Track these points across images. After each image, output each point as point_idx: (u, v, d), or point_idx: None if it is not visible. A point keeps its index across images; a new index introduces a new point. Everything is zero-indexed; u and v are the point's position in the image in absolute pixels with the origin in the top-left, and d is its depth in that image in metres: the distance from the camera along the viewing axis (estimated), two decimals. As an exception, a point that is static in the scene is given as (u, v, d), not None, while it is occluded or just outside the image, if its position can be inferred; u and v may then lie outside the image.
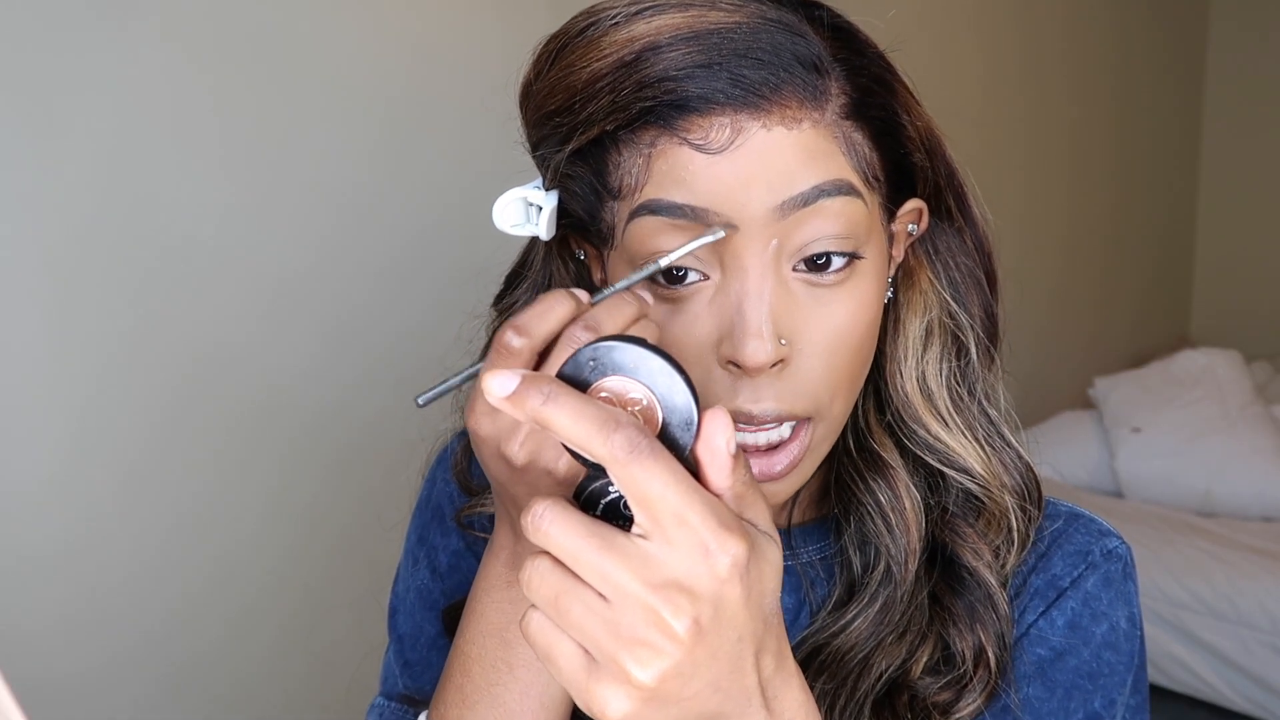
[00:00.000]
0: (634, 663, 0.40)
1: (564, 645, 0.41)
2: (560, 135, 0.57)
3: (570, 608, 0.40)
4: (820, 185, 0.54)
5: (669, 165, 0.54)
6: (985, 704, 0.60)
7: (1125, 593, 0.64)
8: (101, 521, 1.39)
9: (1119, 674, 0.62)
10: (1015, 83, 3.03)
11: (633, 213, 0.55)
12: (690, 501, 0.40)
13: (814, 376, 0.56)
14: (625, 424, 0.40)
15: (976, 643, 0.61)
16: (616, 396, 0.44)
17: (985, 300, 0.65)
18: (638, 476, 0.40)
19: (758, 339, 0.54)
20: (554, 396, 0.41)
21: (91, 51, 1.30)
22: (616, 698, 0.40)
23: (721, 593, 0.40)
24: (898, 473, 0.64)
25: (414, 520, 0.80)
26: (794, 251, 0.55)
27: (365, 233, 1.61)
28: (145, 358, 1.40)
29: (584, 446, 0.40)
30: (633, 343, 0.44)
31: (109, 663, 1.39)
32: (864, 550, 0.64)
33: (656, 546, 0.40)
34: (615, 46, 0.54)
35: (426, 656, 0.75)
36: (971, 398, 0.65)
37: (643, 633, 0.40)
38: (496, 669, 0.58)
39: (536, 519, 0.41)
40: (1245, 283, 4.00)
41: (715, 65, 0.53)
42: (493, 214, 0.60)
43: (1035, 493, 0.65)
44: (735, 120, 0.53)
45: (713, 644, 0.40)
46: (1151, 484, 2.88)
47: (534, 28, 0.62)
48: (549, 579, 0.41)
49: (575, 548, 0.40)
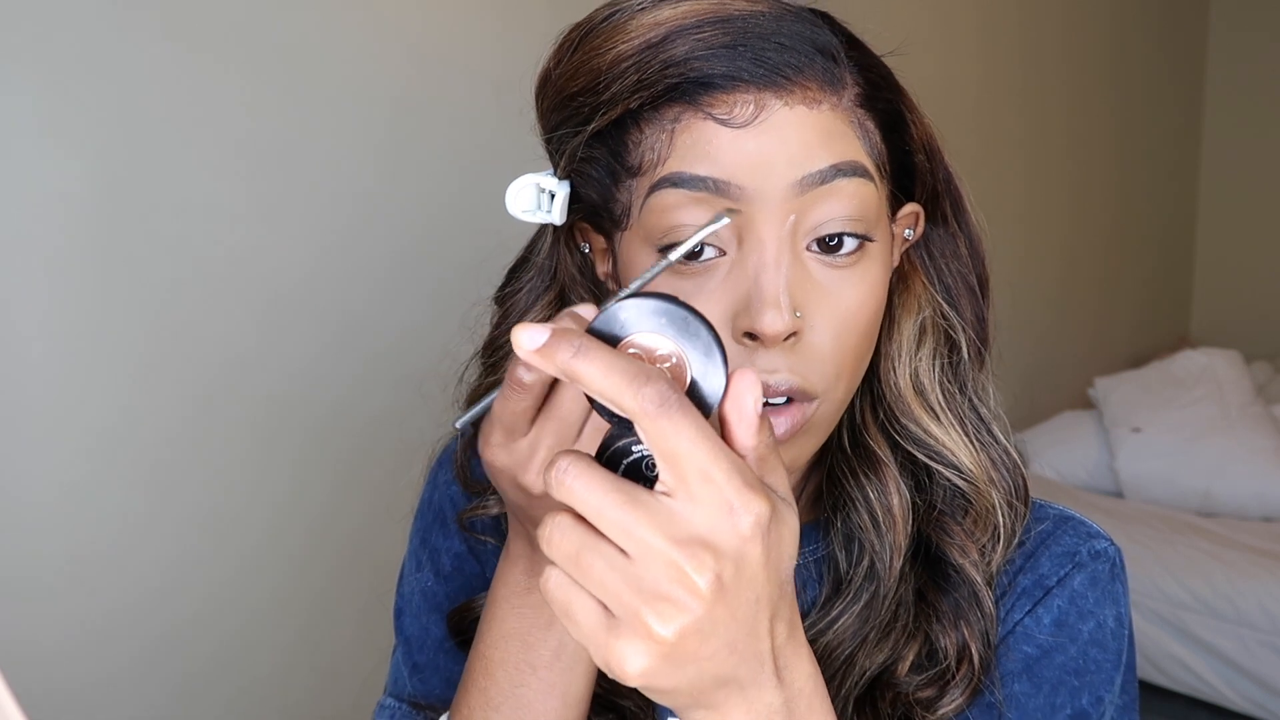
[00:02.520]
0: (655, 617, 0.39)
1: (584, 601, 0.41)
2: (581, 116, 0.58)
3: (592, 564, 0.40)
4: (838, 165, 0.56)
5: (693, 139, 0.55)
6: (968, 702, 0.61)
7: (1113, 593, 0.64)
8: (120, 530, 1.39)
9: (1106, 671, 0.63)
10: (1016, 83, 3.03)
11: (653, 186, 0.56)
12: (716, 459, 0.40)
13: (824, 353, 0.57)
14: (656, 378, 0.40)
15: (960, 640, 0.61)
16: (646, 353, 0.43)
17: (976, 306, 0.66)
18: (666, 431, 0.39)
19: (774, 308, 0.55)
20: (584, 350, 0.40)
21: (95, 57, 1.30)
22: (636, 653, 0.40)
23: (744, 550, 0.40)
24: (888, 469, 0.64)
25: (416, 522, 0.80)
26: (809, 230, 0.56)
27: (369, 234, 1.61)
28: (162, 366, 1.40)
29: (614, 399, 0.40)
30: (663, 299, 0.43)
31: (125, 669, 1.40)
32: (849, 547, 0.65)
33: (681, 503, 0.40)
34: (642, 29, 0.56)
35: (434, 659, 0.75)
36: (963, 394, 0.66)
37: (665, 588, 0.39)
38: (520, 670, 0.59)
39: (560, 473, 0.41)
40: (1245, 283, 4.00)
41: (740, 46, 0.55)
42: (506, 198, 0.61)
43: (1022, 490, 0.66)
44: (759, 97, 0.55)
45: (732, 603, 0.40)
46: (1151, 484, 2.89)
47: (535, 29, 0.63)
48: (570, 535, 0.41)
49: (599, 503, 0.40)
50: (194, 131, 1.40)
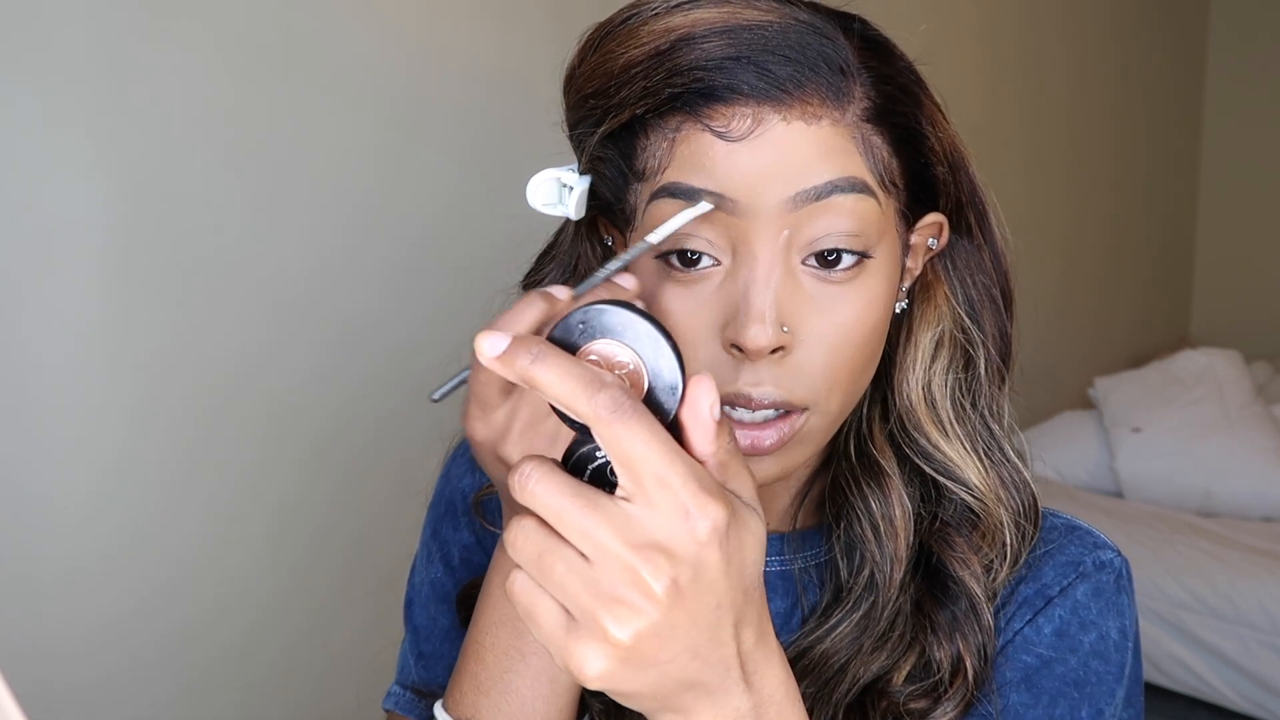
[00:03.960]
0: (612, 621, 0.40)
1: (545, 604, 0.42)
2: (595, 118, 0.59)
3: (553, 567, 0.41)
4: (834, 181, 0.55)
5: (691, 150, 0.55)
6: (961, 714, 0.60)
7: (1117, 604, 0.64)
8: (126, 531, 1.39)
9: (1107, 684, 0.62)
10: (1016, 82, 3.04)
11: (653, 194, 0.57)
12: (672, 464, 0.41)
13: (813, 369, 0.57)
14: (610, 384, 0.41)
15: (955, 652, 0.61)
16: (604, 359, 0.44)
17: (1000, 320, 0.66)
18: (620, 436, 0.40)
19: (759, 323, 0.55)
20: (541, 356, 0.42)
21: (99, 61, 1.30)
22: (594, 656, 0.41)
23: (700, 556, 0.41)
24: (893, 480, 0.64)
25: (429, 514, 0.81)
26: (805, 245, 0.56)
27: (375, 235, 1.61)
28: (168, 369, 1.40)
29: (569, 405, 0.41)
30: (623, 307, 0.44)
31: (128, 669, 1.40)
32: (850, 556, 0.65)
33: (638, 507, 0.41)
34: (652, 36, 0.56)
35: (440, 648, 0.76)
36: (975, 410, 0.65)
37: (622, 591, 0.40)
38: (510, 656, 0.59)
39: (523, 478, 0.42)
40: (1245, 283, 4.00)
41: (744, 58, 0.54)
42: (526, 190, 0.61)
43: (1033, 511, 0.65)
44: (757, 111, 0.55)
45: (691, 607, 0.41)
46: (1151, 484, 2.88)
47: (535, 30, 0.63)
48: (533, 538, 0.42)
49: (559, 507, 0.41)
50: (196, 135, 1.40)
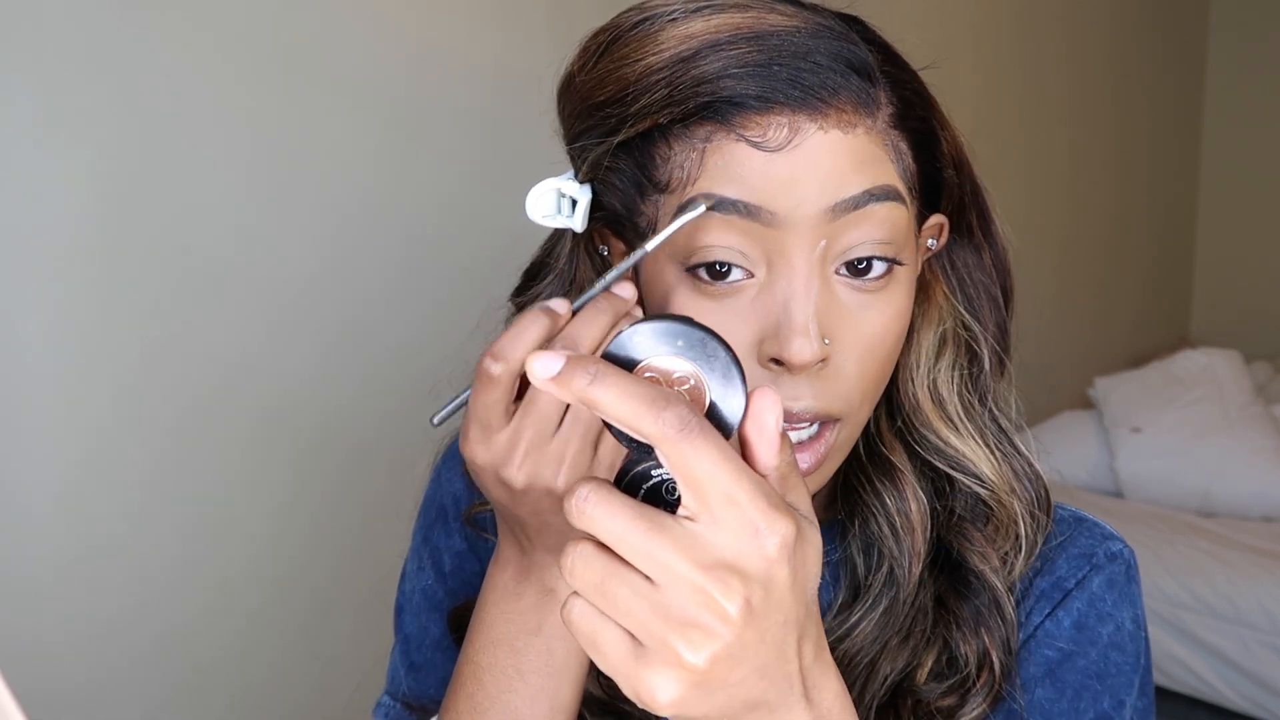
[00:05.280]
0: (685, 645, 0.39)
1: (610, 631, 0.40)
2: (607, 127, 0.57)
3: (617, 592, 0.40)
4: (870, 190, 0.54)
5: (724, 161, 0.54)
6: (990, 709, 0.60)
7: (1129, 594, 0.64)
8: (121, 531, 1.39)
9: (1126, 674, 0.63)
10: (1016, 82, 3.04)
11: (682, 207, 0.55)
12: (740, 481, 0.39)
13: (849, 379, 0.57)
14: (675, 402, 0.39)
15: (981, 647, 0.61)
16: (663, 376, 0.43)
17: (999, 316, 0.66)
18: (687, 455, 0.39)
19: (804, 337, 0.54)
20: (600, 376, 0.40)
21: (97, 60, 1.30)
22: (666, 682, 0.39)
23: (771, 573, 0.39)
24: (905, 476, 0.64)
25: (419, 520, 0.79)
26: (839, 254, 0.55)
27: (372, 236, 1.61)
28: (163, 368, 1.40)
29: (633, 425, 0.39)
30: (679, 320, 0.43)
31: (125, 669, 1.40)
32: (868, 553, 0.64)
33: (705, 527, 0.39)
34: (673, 41, 0.54)
35: (431, 658, 0.75)
36: (982, 405, 0.65)
37: (694, 614, 0.39)
38: (508, 676, 0.58)
39: (580, 502, 0.40)
40: (1245, 283, 4.00)
41: (775, 65, 0.53)
42: (526, 203, 0.59)
43: (1045, 501, 0.65)
44: (793, 120, 0.53)
45: (761, 626, 0.40)
46: (1151, 484, 2.88)
47: (536, 31, 0.62)
48: (594, 564, 0.40)
49: (621, 530, 0.39)
50: (195, 134, 1.40)
